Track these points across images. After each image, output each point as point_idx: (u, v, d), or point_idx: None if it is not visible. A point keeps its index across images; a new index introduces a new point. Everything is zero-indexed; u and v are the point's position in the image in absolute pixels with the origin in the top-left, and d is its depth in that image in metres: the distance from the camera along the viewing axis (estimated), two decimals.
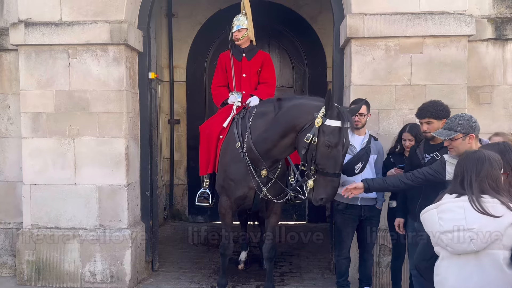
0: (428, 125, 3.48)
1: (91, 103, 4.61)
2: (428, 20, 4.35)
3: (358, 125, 4.01)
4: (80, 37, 4.54)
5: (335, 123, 3.48)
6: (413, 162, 3.62)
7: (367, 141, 4.02)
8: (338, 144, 3.47)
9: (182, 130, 7.61)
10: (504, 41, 4.70)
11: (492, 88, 4.73)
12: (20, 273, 4.71)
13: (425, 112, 3.49)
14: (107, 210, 4.66)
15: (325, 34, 7.09)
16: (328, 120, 3.49)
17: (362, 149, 3.99)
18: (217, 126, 4.38)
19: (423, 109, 3.52)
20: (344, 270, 4.14)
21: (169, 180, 7.59)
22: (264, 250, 4.30)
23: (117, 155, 4.62)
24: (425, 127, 3.50)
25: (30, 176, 4.69)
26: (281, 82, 7.44)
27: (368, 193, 3.95)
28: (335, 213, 4.16)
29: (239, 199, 4.17)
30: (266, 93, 4.62)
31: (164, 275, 5.10)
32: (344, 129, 3.48)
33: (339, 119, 3.48)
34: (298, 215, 7.46)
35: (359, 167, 3.96)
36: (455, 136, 3.02)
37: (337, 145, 3.47)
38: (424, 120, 3.49)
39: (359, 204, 4.02)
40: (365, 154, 3.97)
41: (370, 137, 4.07)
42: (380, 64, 4.45)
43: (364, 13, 4.40)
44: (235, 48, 4.74)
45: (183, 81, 7.55)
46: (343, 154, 3.57)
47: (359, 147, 4.01)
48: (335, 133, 3.48)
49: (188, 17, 7.45)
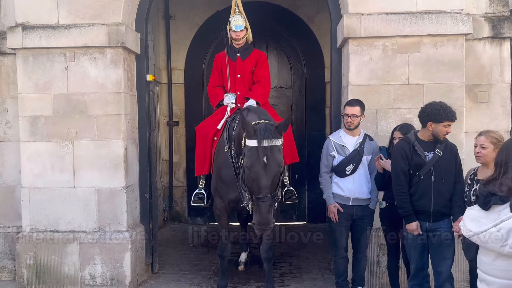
0: (450, 127, 3.53)
1: (89, 106, 4.61)
2: (425, 19, 4.36)
3: (351, 127, 4.01)
4: (78, 40, 4.54)
5: (251, 143, 3.36)
6: (414, 161, 3.57)
7: (360, 141, 4.02)
8: (254, 165, 3.31)
9: (180, 131, 7.61)
10: (501, 40, 4.70)
11: (489, 86, 4.73)
12: (20, 276, 4.71)
13: (450, 115, 3.48)
14: (106, 213, 4.65)
15: (323, 34, 7.09)
16: (247, 140, 3.40)
17: (354, 150, 4.00)
18: (211, 127, 4.39)
19: (453, 112, 3.50)
20: (342, 270, 4.14)
21: (168, 182, 7.59)
22: (262, 251, 4.31)
23: (116, 157, 4.62)
24: (449, 129, 3.53)
25: (29, 179, 4.68)
26: (279, 83, 7.45)
27: (360, 194, 3.98)
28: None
29: (232, 202, 4.17)
30: (261, 94, 4.60)
31: (164, 277, 5.10)
32: (261, 147, 3.30)
33: (255, 137, 3.34)
34: (298, 216, 7.46)
35: (350, 169, 3.97)
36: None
37: (253, 166, 3.31)
38: (453, 122, 3.53)
39: (351, 204, 4.01)
40: (356, 155, 3.98)
41: (365, 138, 4.07)
42: (378, 64, 4.45)
43: (361, 13, 4.41)
44: (230, 48, 4.71)
45: (181, 83, 7.55)
46: (267, 175, 3.32)
47: (352, 148, 4.01)
48: (252, 153, 3.34)
49: (185, 19, 7.46)
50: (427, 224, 3.59)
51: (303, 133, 7.32)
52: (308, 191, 7.31)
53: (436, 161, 3.52)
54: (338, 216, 4.04)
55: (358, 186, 4.01)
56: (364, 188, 4.04)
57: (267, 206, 3.32)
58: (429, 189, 3.54)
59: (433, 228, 3.57)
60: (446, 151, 3.55)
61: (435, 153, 3.53)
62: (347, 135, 4.08)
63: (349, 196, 4.01)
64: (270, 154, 3.32)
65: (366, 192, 4.05)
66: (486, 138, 3.34)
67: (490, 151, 3.29)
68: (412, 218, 3.60)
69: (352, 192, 4.01)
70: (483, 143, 3.34)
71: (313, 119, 7.35)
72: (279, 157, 3.40)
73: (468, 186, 3.48)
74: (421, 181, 3.56)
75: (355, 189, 4.01)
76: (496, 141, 3.29)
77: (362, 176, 4.02)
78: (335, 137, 4.14)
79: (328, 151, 4.10)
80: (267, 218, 3.32)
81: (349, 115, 3.99)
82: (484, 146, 3.33)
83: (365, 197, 4.04)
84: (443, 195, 3.52)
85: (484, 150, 3.33)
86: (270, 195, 3.35)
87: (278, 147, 3.42)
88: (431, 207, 3.54)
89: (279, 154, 3.40)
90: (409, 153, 3.60)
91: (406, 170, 3.61)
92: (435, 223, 3.56)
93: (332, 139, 4.13)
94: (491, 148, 3.29)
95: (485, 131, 3.45)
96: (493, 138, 3.32)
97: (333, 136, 4.18)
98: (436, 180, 3.52)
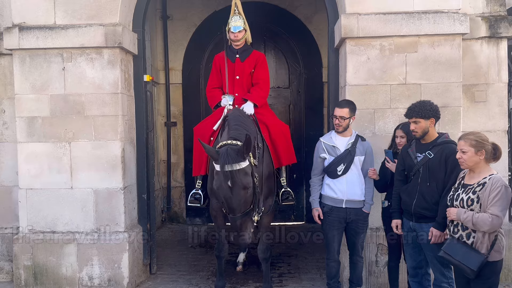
0: (415, 124, 3.50)
1: (86, 106, 4.60)
2: (422, 19, 4.36)
3: (338, 129, 3.98)
4: (75, 41, 4.53)
5: (216, 167, 3.46)
6: (406, 162, 3.65)
7: (352, 142, 3.98)
8: (220, 188, 3.42)
9: (178, 132, 7.60)
10: (498, 39, 4.70)
11: (487, 86, 4.73)
12: (17, 278, 4.70)
13: (412, 112, 3.53)
14: (104, 214, 4.65)
15: (321, 34, 7.10)
16: (213, 163, 3.51)
17: (345, 150, 3.96)
18: (208, 128, 4.39)
19: (410, 109, 3.56)
20: (334, 273, 4.11)
21: (166, 182, 7.58)
22: (259, 251, 4.31)
23: (113, 158, 4.61)
24: (413, 126, 3.52)
25: (26, 180, 4.67)
26: (277, 83, 7.45)
27: (353, 195, 3.97)
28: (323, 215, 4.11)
29: None
30: (259, 97, 4.58)
31: (162, 278, 5.09)
32: (224, 172, 3.36)
33: (218, 162, 3.42)
34: (296, 216, 7.46)
35: (341, 169, 3.93)
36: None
37: (219, 189, 3.44)
38: (412, 119, 3.52)
39: (344, 206, 3.98)
40: (348, 155, 3.94)
41: (357, 138, 4.02)
42: (375, 64, 4.45)
43: (358, 13, 4.40)
44: (230, 49, 4.68)
45: (179, 83, 7.54)
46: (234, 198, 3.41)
47: (343, 148, 3.98)
48: (218, 177, 3.45)
49: (183, 19, 7.45)
50: (411, 224, 3.61)
51: (301, 133, 7.32)
52: (307, 191, 7.28)
53: (425, 163, 3.49)
54: (330, 220, 4.01)
55: (351, 187, 3.96)
56: (356, 189, 3.98)
57: (240, 223, 3.47)
58: (414, 189, 3.54)
59: (415, 228, 3.58)
60: (438, 154, 3.45)
61: (425, 155, 3.50)
62: (338, 136, 4.03)
63: (342, 198, 3.95)
64: (235, 178, 3.37)
65: (359, 194, 3.99)
66: (465, 141, 3.07)
67: (471, 155, 3.04)
68: (395, 216, 3.76)
69: (344, 193, 3.95)
70: (463, 148, 3.08)
71: (311, 119, 7.35)
72: (245, 179, 3.42)
73: (454, 190, 3.23)
74: (410, 182, 3.61)
75: (347, 190, 3.95)
76: (476, 143, 3.04)
77: (354, 177, 3.97)
78: (326, 138, 4.10)
79: (318, 153, 4.07)
80: (242, 232, 3.48)
81: (337, 117, 3.94)
82: (464, 150, 3.07)
83: (358, 199, 3.99)
84: (425, 197, 3.46)
85: (465, 154, 3.07)
86: (241, 216, 3.45)
87: (244, 170, 3.43)
88: (412, 207, 3.54)
89: (244, 177, 3.42)
90: (404, 155, 3.69)
91: (401, 171, 3.72)
92: (417, 223, 3.55)
93: (322, 141, 4.08)
94: (471, 151, 3.04)
95: (465, 134, 3.20)
96: (472, 141, 3.05)
97: (324, 138, 4.13)
98: (421, 181, 3.50)
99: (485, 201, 2.99)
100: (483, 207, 3.00)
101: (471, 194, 3.07)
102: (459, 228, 3.13)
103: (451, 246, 3.13)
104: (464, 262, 3.02)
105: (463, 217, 3.05)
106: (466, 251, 3.04)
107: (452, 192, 3.25)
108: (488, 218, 2.94)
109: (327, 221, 4.04)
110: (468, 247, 3.05)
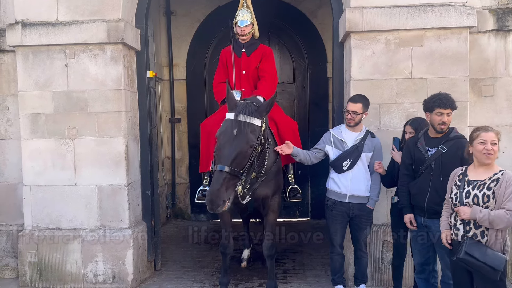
0: (448, 117, 3.40)
1: (89, 103, 4.58)
2: (428, 12, 4.29)
3: (350, 124, 3.94)
4: (77, 37, 4.51)
5: (229, 115, 3.51)
6: (415, 156, 3.55)
7: (361, 137, 3.95)
8: (223, 135, 3.43)
9: (183, 128, 7.59)
10: (506, 32, 4.63)
11: (494, 80, 4.67)
12: (23, 274, 4.71)
13: (450, 103, 3.38)
14: (108, 210, 4.64)
15: (325, 29, 7.04)
16: (226, 114, 3.57)
17: (353, 146, 3.93)
18: (216, 124, 4.30)
19: (448, 99, 3.40)
20: (338, 267, 4.11)
21: (171, 179, 7.58)
22: (264, 248, 4.27)
23: (117, 154, 4.59)
24: (445, 118, 3.39)
25: (30, 177, 4.67)
26: (282, 78, 7.38)
27: (356, 191, 3.92)
28: (325, 209, 4.12)
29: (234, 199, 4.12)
30: (268, 91, 4.46)
31: (166, 274, 5.09)
32: (235, 121, 3.42)
33: (233, 111, 3.48)
34: (301, 212, 7.43)
35: (347, 164, 3.91)
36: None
37: (222, 135, 3.44)
38: (447, 110, 3.38)
39: (347, 201, 3.96)
40: (355, 150, 3.91)
41: (367, 134, 3.99)
42: (380, 58, 4.40)
43: (363, 6, 4.34)
44: (236, 43, 4.61)
45: (183, 79, 7.52)
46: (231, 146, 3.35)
47: (351, 143, 3.95)
48: (225, 124, 3.48)
49: (186, 14, 7.41)
50: (422, 219, 3.55)
51: (306, 129, 7.26)
52: (311, 187, 7.29)
53: (438, 158, 3.40)
54: (333, 213, 4.01)
55: (355, 182, 3.93)
56: (361, 185, 3.95)
57: (220, 179, 3.26)
58: (426, 185, 3.46)
59: (427, 224, 3.52)
60: (452, 148, 3.37)
61: (438, 149, 3.42)
62: (348, 130, 4.01)
63: (345, 193, 3.94)
64: (242, 128, 3.39)
65: (363, 190, 3.96)
66: (496, 134, 2.99)
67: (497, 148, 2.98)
68: (407, 211, 3.64)
69: (348, 188, 3.93)
70: (494, 139, 2.96)
71: (316, 114, 7.31)
72: (250, 136, 3.42)
73: (457, 188, 3.08)
74: (421, 176, 3.52)
75: (351, 186, 3.93)
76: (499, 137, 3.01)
77: (360, 173, 3.94)
78: (336, 131, 4.09)
79: (324, 142, 4.07)
80: (215, 192, 3.24)
81: (350, 112, 3.92)
82: (495, 142, 2.96)
83: (362, 195, 3.96)
84: (439, 193, 3.35)
85: (495, 147, 2.96)
86: (228, 171, 3.30)
87: (254, 126, 3.46)
88: (425, 203, 3.47)
89: (251, 134, 3.42)
90: (413, 148, 3.58)
91: (408, 165, 3.61)
92: (429, 219, 3.48)
93: (332, 133, 4.07)
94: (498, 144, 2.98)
95: (484, 127, 3.09)
96: (498, 134, 3.00)
97: (334, 130, 4.12)
98: (434, 177, 3.41)
99: (500, 197, 2.90)
100: (498, 203, 2.91)
101: (486, 190, 2.95)
102: (471, 227, 2.99)
103: (472, 247, 2.94)
104: (490, 263, 2.88)
105: (479, 216, 2.90)
106: (489, 251, 2.91)
107: (456, 189, 3.09)
108: (505, 215, 2.85)
109: (330, 215, 4.05)
110: (489, 248, 2.93)
